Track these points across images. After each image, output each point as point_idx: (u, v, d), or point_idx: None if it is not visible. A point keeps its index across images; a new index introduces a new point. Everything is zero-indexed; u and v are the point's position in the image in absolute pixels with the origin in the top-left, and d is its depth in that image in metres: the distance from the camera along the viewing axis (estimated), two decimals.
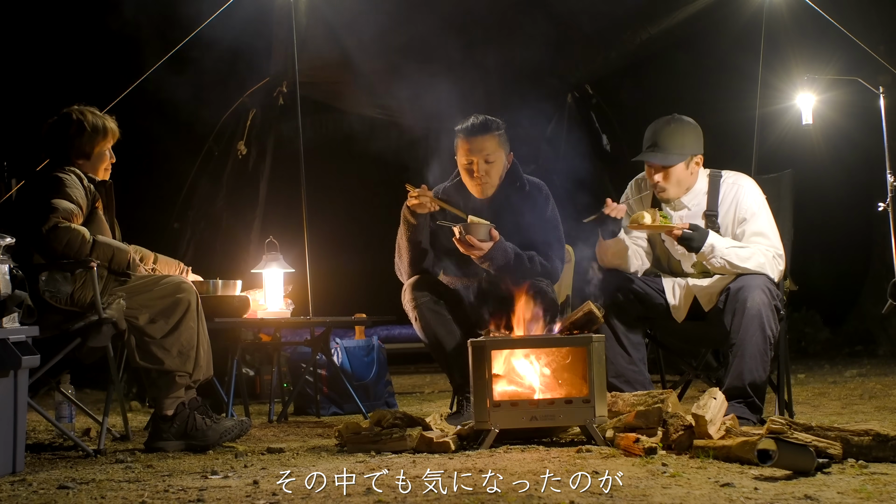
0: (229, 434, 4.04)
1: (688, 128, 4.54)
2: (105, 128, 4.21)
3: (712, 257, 4.38)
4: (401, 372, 8.65)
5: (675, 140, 4.50)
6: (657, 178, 4.51)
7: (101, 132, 4.19)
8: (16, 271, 3.55)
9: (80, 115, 4.17)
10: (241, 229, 6.91)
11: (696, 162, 4.53)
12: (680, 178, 4.51)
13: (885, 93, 5.40)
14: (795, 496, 2.74)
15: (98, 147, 4.19)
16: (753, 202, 4.50)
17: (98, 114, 4.23)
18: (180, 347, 4.03)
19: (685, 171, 4.51)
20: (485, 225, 4.36)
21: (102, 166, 4.23)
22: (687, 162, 4.50)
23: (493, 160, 4.54)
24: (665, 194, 4.55)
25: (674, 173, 4.50)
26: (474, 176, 4.55)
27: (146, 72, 5.54)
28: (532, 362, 3.98)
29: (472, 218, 4.40)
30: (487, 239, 4.35)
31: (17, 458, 3.47)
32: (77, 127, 4.16)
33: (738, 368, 4.29)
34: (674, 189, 4.53)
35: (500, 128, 4.59)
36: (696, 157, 4.53)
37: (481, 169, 4.53)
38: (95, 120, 4.19)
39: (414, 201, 4.42)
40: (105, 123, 4.22)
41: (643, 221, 4.35)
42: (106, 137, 4.21)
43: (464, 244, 4.36)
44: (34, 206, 3.95)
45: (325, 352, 5.55)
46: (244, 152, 6.85)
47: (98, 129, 4.18)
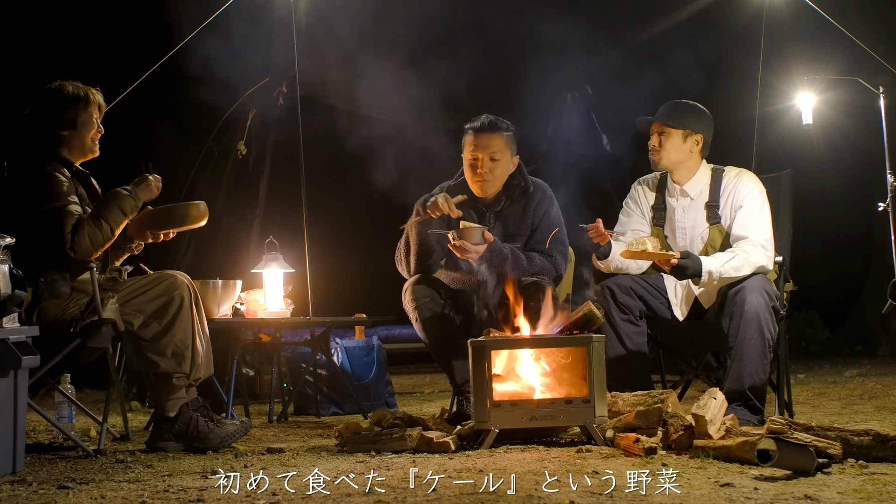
0: (231, 439, 4.03)
1: (695, 108, 4.63)
2: (86, 95, 4.15)
3: (713, 281, 4.40)
4: (401, 372, 8.66)
5: (680, 112, 4.60)
6: (653, 140, 4.60)
7: (83, 100, 4.13)
8: (16, 271, 3.54)
9: (58, 86, 4.15)
10: (241, 229, 6.91)
11: (695, 140, 4.57)
12: (675, 148, 4.56)
13: (885, 93, 5.40)
14: (795, 496, 2.74)
15: (82, 115, 4.12)
16: (750, 191, 4.53)
17: (78, 84, 4.18)
18: (174, 348, 3.99)
19: (682, 143, 4.56)
20: (477, 228, 4.36)
21: (90, 134, 4.15)
22: (685, 134, 4.55)
23: (498, 158, 4.55)
24: (657, 158, 4.59)
25: (669, 139, 4.56)
26: (477, 172, 4.56)
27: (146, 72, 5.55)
28: (533, 362, 3.97)
29: (463, 223, 4.41)
30: (481, 242, 4.35)
31: (17, 458, 3.47)
32: (57, 96, 4.11)
33: (738, 372, 4.29)
34: (666, 157, 4.57)
35: (510, 129, 4.61)
36: (695, 135, 4.57)
37: (485, 166, 4.54)
38: (76, 89, 4.15)
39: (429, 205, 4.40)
40: (86, 91, 4.17)
41: (644, 248, 4.37)
42: (89, 105, 4.15)
43: (459, 249, 4.36)
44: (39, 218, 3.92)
45: (325, 352, 5.54)
46: (244, 152, 6.86)
47: (79, 97, 4.13)
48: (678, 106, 4.63)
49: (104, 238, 3.96)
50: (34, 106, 4.14)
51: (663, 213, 4.66)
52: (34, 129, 4.13)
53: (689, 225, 4.60)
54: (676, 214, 4.62)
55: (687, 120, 4.57)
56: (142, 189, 4.11)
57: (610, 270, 4.63)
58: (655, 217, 4.67)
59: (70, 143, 4.11)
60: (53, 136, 4.10)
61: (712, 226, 4.55)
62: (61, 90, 4.13)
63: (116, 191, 4.06)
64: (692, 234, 4.58)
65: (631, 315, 4.50)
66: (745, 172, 4.63)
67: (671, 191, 4.65)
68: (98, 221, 3.95)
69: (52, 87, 4.15)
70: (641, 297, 4.54)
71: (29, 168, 4.03)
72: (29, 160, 4.05)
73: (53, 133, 4.10)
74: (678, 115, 4.59)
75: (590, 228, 4.42)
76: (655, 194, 4.70)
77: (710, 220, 4.56)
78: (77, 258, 3.92)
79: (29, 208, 3.95)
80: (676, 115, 4.58)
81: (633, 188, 4.79)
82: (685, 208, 4.60)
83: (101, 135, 4.21)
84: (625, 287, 4.51)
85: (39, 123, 4.12)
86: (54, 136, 4.10)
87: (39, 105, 4.13)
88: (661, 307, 4.57)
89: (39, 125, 4.12)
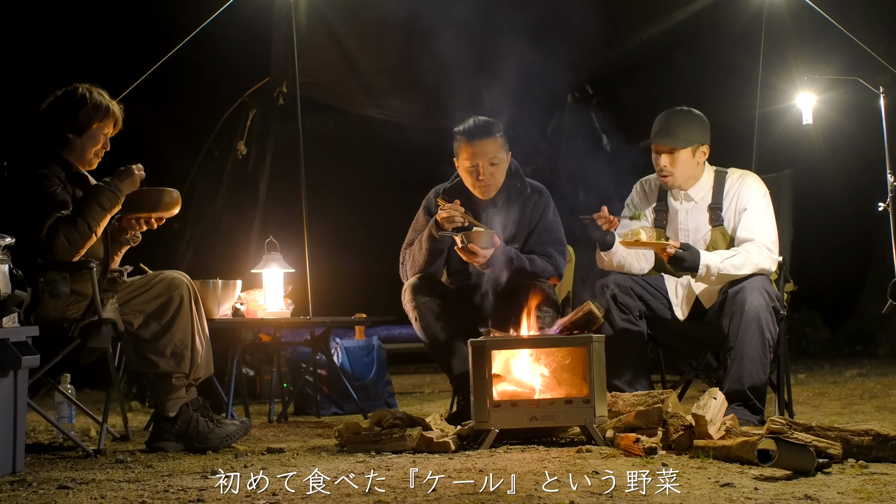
0: (231, 439, 4.03)
1: (696, 118, 4.58)
2: (107, 108, 4.11)
3: (711, 276, 4.39)
4: (401, 372, 8.65)
5: (684, 127, 4.53)
6: (663, 161, 4.52)
7: (102, 111, 4.09)
8: (16, 271, 3.54)
9: (86, 90, 4.10)
10: (241, 229, 6.90)
11: (702, 151, 4.56)
12: (686, 165, 4.52)
13: (885, 93, 5.39)
14: (795, 496, 2.74)
15: (94, 125, 4.08)
16: (754, 193, 4.52)
17: (105, 95, 4.14)
18: (174, 348, 3.98)
19: (691, 158, 4.53)
20: (487, 232, 4.37)
21: (93, 149, 4.12)
22: (693, 149, 4.52)
23: (496, 162, 4.55)
24: (670, 179, 4.54)
25: (680, 158, 4.51)
26: (479, 178, 4.55)
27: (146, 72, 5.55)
28: (533, 362, 3.97)
29: (475, 228, 4.41)
30: (490, 246, 4.36)
31: (17, 458, 3.47)
32: (80, 99, 4.07)
33: (738, 372, 4.29)
34: (679, 175, 4.54)
35: (501, 129, 4.60)
36: (702, 147, 4.55)
37: (486, 172, 4.54)
38: (100, 99, 4.11)
39: (445, 214, 4.40)
40: (109, 105, 4.12)
41: (638, 238, 4.36)
42: (105, 118, 4.11)
43: (466, 252, 4.36)
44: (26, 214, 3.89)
45: (325, 352, 5.54)
46: (244, 152, 6.85)
47: (99, 106, 4.09)
48: (679, 120, 4.53)
49: (82, 237, 3.88)
50: (54, 101, 4.10)
51: (665, 215, 4.65)
52: (47, 121, 4.09)
53: (691, 227, 4.59)
54: (679, 216, 4.61)
55: (693, 135, 4.52)
56: (124, 181, 4.00)
57: (612, 266, 4.61)
58: (657, 218, 4.66)
59: (72, 146, 4.08)
60: (62, 136, 4.07)
61: (715, 228, 4.54)
62: (86, 94, 4.09)
63: (95, 185, 4.00)
64: (695, 236, 4.57)
65: (631, 315, 4.49)
66: (748, 174, 4.62)
67: (674, 193, 4.63)
68: (75, 221, 3.87)
69: (80, 87, 4.11)
70: (641, 297, 4.54)
71: (24, 169, 4.01)
72: (27, 161, 4.04)
73: (62, 132, 4.07)
74: (683, 133, 4.51)
75: (597, 217, 4.40)
76: (657, 196, 4.68)
77: (713, 222, 4.55)
78: (58, 259, 3.86)
79: (17, 209, 3.93)
80: (682, 133, 4.51)
81: (634, 189, 4.77)
82: (688, 211, 4.59)
83: (105, 151, 4.17)
84: (625, 287, 4.51)
85: (53, 118, 4.08)
86: (62, 135, 4.07)
87: (60, 100, 4.09)
88: (662, 307, 4.57)
89: (52, 120, 4.08)
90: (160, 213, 4.12)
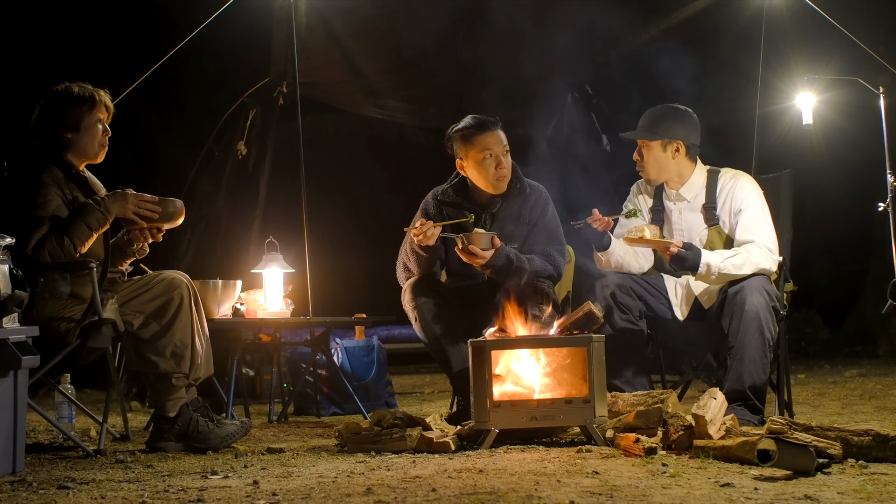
0: (231, 439, 4.03)
1: (675, 113, 4.60)
2: (92, 97, 4.09)
3: (711, 275, 4.40)
4: (401, 372, 8.66)
5: (657, 122, 4.59)
6: (635, 153, 4.62)
7: (88, 101, 4.08)
8: (16, 271, 3.54)
9: (65, 87, 4.09)
10: (241, 229, 6.90)
11: (675, 147, 4.55)
12: (656, 158, 4.57)
13: (885, 93, 5.40)
14: (795, 496, 2.74)
15: (87, 117, 4.07)
16: (748, 194, 4.53)
17: (85, 85, 4.13)
18: (174, 348, 3.98)
19: (663, 153, 4.56)
20: (486, 234, 4.37)
21: (95, 140, 4.10)
22: (664, 143, 4.53)
23: (509, 150, 4.58)
24: (643, 173, 4.63)
25: (650, 152, 4.57)
26: (499, 168, 4.54)
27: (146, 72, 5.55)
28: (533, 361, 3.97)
29: (476, 230, 4.41)
30: (489, 247, 4.35)
31: (17, 458, 3.47)
32: (63, 98, 4.06)
33: (738, 371, 4.29)
34: (650, 168, 4.59)
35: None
36: (675, 142, 4.55)
37: (504, 161, 4.55)
38: (82, 90, 4.09)
39: (419, 239, 4.39)
40: (93, 93, 4.11)
41: (642, 235, 4.37)
42: (94, 107, 4.09)
43: (466, 254, 4.36)
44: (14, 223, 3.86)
45: (325, 352, 5.54)
46: (244, 152, 6.85)
47: (84, 98, 4.07)
48: (656, 115, 4.60)
49: (66, 254, 3.88)
50: (42, 108, 4.10)
51: (661, 216, 4.66)
52: (41, 131, 4.09)
53: (686, 227, 4.60)
54: (674, 217, 4.62)
55: (662, 129, 4.55)
56: (115, 204, 3.97)
57: (611, 266, 4.61)
58: (654, 219, 4.67)
59: (74, 145, 4.07)
60: (59, 139, 4.07)
61: (710, 227, 4.55)
62: (67, 91, 4.08)
63: (86, 202, 3.97)
64: (690, 236, 4.57)
65: (631, 315, 4.49)
66: (741, 174, 4.62)
67: (668, 194, 4.65)
68: (61, 239, 3.87)
69: (59, 88, 4.10)
70: (641, 297, 4.54)
71: (22, 172, 4.00)
72: (25, 163, 4.03)
73: (59, 135, 4.06)
74: (654, 126, 4.57)
75: (590, 221, 4.42)
76: (653, 197, 4.69)
77: (708, 221, 4.56)
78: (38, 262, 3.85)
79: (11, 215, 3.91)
80: (653, 126, 4.57)
81: (631, 191, 4.80)
82: (682, 211, 4.60)
83: (108, 136, 4.15)
84: (625, 287, 4.51)
85: (45, 125, 4.07)
86: (60, 138, 4.07)
87: (46, 107, 4.09)
88: (662, 307, 4.57)
89: (45, 127, 4.07)
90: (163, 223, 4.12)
